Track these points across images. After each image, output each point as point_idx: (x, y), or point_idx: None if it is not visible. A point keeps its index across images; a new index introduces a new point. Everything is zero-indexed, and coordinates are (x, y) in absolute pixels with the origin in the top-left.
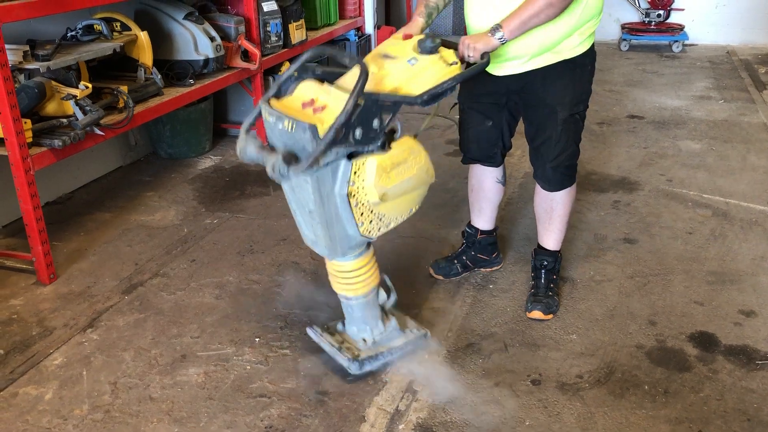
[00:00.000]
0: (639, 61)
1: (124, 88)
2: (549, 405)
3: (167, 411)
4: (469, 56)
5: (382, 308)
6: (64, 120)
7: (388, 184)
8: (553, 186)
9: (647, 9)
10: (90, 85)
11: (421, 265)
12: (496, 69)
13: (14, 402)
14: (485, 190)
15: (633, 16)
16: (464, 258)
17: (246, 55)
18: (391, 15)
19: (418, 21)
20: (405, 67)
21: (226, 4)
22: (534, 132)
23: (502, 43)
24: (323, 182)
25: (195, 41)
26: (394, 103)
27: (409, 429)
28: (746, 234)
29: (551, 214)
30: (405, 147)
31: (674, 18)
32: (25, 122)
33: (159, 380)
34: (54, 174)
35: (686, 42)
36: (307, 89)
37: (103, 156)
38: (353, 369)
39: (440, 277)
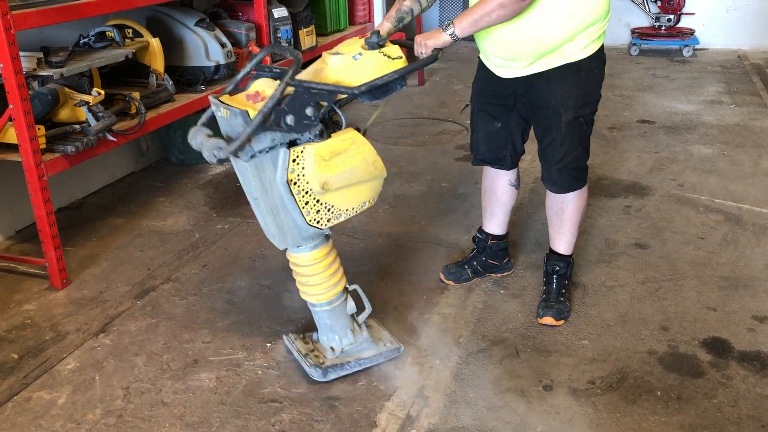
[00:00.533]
0: (649, 66)
1: (136, 95)
2: (561, 411)
3: (179, 416)
4: (420, 53)
5: (354, 319)
6: (77, 126)
7: (328, 172)
8: (560, 188)
9: (657, 14)
10: (102, 92)
11: (432, 270)
12: (501, 71)
13: (28, 406)
14: (497, 193)
15: (643, 21)
16: (475, 263)
17: None
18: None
19: (385, 25)
20: (348, 62)
21: (236, 10)
22: (540, 134)
23: (454, 40)
24: (263, 169)
25: (206, 48)
26: (329, 93)
27: None
28: (759, 239)
29: (561, 217)
30: (346, 137)
31: (685, 22)
32: (39, 128)
33: (171, 385)
34: (66, 180)
35: (697, 46)
36: (258, 85)
37: (115, 162)
38: (315, 375)
39: (451, 283)
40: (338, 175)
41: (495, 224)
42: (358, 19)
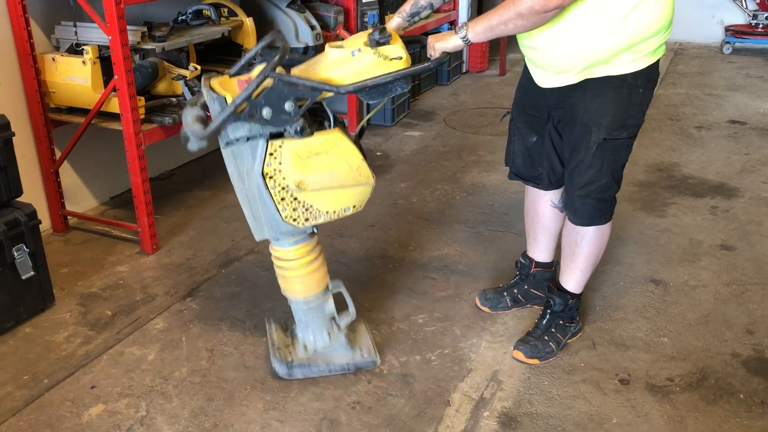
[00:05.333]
0: (742, 65)
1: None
2: (637, 405)
3: (260, 380)
4: (430, 55)
5: (335, 322)
6: (174, 99)
7: (304, 171)
8: (579, 218)
9: (755, 11)
10: (199, 67)
11: (510, 259)
12: (540, 80)
13: (121, 360)
14: (539, 215)
15: (739, 18)
16: (515, 291)
17: None
18: (483, 9)
19: (395, 20)
20: (345, 57)
21: None
22: (568, 153)
23: (466, 44)
24: (240, 158)
25: (296, 29)
26: (312, 89)
27: (494, 417)
28: None
29: (575, 251)
30: (328, 138)
31: None
32: (139, 99)
33: (253, 350)
34: (158, 152)
35: None
36: (256, 71)
37: None
38: (279, 371)
39: (486, 310)
40: (315, 175)
41: (539, 250)
42: (443, 7)
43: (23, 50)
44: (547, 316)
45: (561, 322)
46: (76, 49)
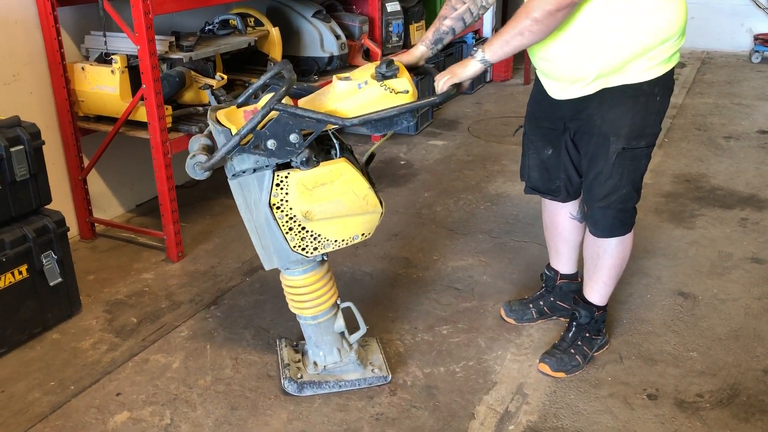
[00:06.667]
0: None
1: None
2: (666, 421)
3: (284, 389)
4: (439, 88)
5: (345, 338)
6: (200, 108)
7: (311, 202)
8: (600, 230)
9: None
10: (225, 76)
11: (535, 270)
12: (555, 91)
13: (146, 367)
14: (559, 228)
15: None
16: (541, 303)
17: (367, 54)
18: (508, 18)
19: (419, 49)
20: (352, 90)
21: (351, 3)
22: (586, 165)
23: (487, 66)
24: (248, 189)
25: (321, 39)
26: (317, 121)
27: (519, 431)
28: None
29: (597, 263)
30: (334, 168)
31: None
32: (167, 108)
33: (277, 359)
34: (184, 160)
35: None
36: (262, 102)
37: None
38: (289, 389)
39: (511, 321)
40: (322, 205)
41: (562, 262)
42: None
43: (54, 60)
44: (573, 329)
45: (587, 334)
46: (105, 59)
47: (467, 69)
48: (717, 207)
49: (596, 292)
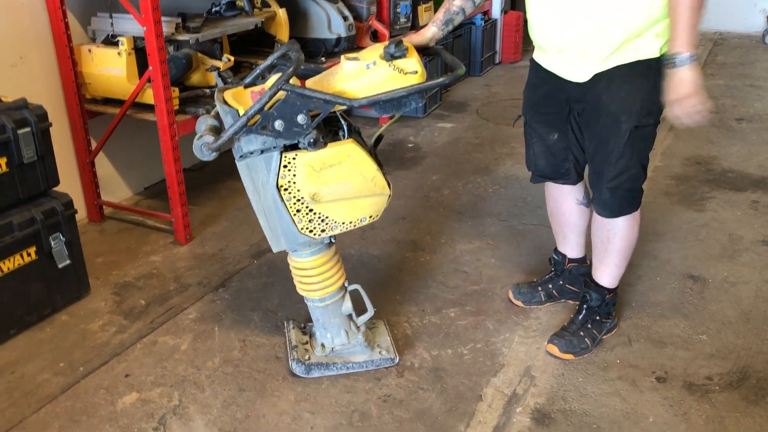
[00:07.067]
0: None
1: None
2: (675, 404)
3: (291, 371)
4: (687, 118)
5: (352, 320)
6: (207, 90)
7: (318, 184)
8: (609, 211)
9: None
10: (232, 58)
11: (542, 253)
12: (564, 69)
13: (154, 349)
14: (566, 215)
15: None
16: (550, 287)
17: (375, 36)
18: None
19: (430, 30)
20: (360, 70)
21: None
22: (594, 148)
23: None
24: (255, 171)
25: (329, 20)
26: (325, 102)
27: (527, 413)
28: None
29: (607, 246)
30: (341, 149)
31: None
32: (174, 90)
33: (284, 341)
34: (190, 143)
35: None
36: (269, 82)
37: None
38: (297, 371)
39: (519, 304)
40: (329, 187)
41: (570, 247)
42: None
43: (60, 42)
44: (584, 312)
45: (597, 317)
46: (111, 41)
47: (694, 77)
48: (728, 189)
49: (607, 275)
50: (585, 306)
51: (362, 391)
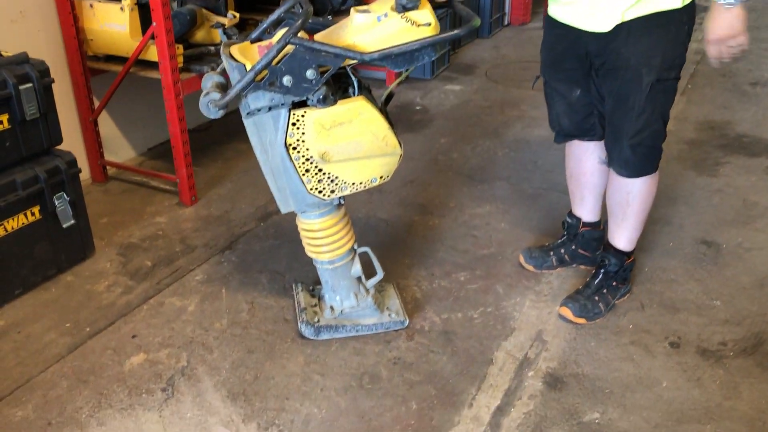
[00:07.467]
0: None
1: None
2: (688, 369)
3: (300, 333)
4: (721, 57)
5: (362, 283)
6: (212, 48)
7: (328, 142)
8: (631, 170)
9: None
10: (237, 15)
11: (550, 218)
12: (585, 21)
13: (161, 310)
14: (587, 175)
15: None
16: (562, 251)
17: None
18: None
19: None
20: (371, 23)
21: None
22: (613, 104)
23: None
24: (263, 129)
25: None
26: (335, 56)
27: (539, 377)
28: None
29: (626, 209)
30: (352, 107)
31: None
32: (178, 47)
33: (293, 304)
34: (195, 102)
35: None
36: (277, 36)
37: None
38: (306, 333)
39: (531, 268)
40: (339, 146)
41: (586, 210)
42: None
43: None
44: (600, 276)
45: (614, 283)
46: None
47: (743, 15)
48: (742, 155)
49: (625, 238)
50: (602, 271)
51: (372, 353)
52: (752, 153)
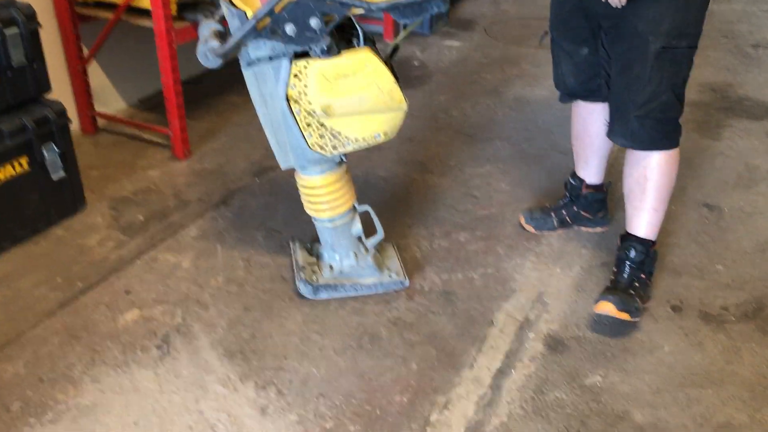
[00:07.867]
0: None
1: None
2: (690, 333)
3: (298, 292)
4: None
5: (362, 242)
6: None
7: (332, 95)
8: (639, 143)
9: None
10: None
11: (557, 180)
12: None
13: (155, 266)
14: (592, 136)
15: None
16: (563, 213)
17: None
18: None
19: None
20: None
21: None
22: (619, 70)
23: None
24: (263, 80)
25: None
26: (341, 4)
27: (540, 339)
28: None
29: (644, 187)
30: (358, 58)
31: None
32: None
33: (290, 262)
34: (186, 54)
35: None
36: None
37: None
38: (304, 292)
39: (531, 228)
40: (343, 99)
41: (590, 172)
42: None
43: None
44: (627, 270)
45: (642, 275)
46: None
47: None
48: (744, 118)
49: (645, 223)
50: (627, 263)
51: (371, 313)
52: (754, 116)
